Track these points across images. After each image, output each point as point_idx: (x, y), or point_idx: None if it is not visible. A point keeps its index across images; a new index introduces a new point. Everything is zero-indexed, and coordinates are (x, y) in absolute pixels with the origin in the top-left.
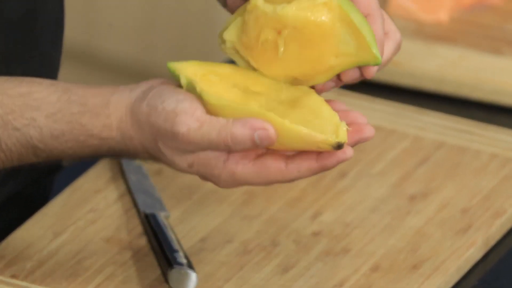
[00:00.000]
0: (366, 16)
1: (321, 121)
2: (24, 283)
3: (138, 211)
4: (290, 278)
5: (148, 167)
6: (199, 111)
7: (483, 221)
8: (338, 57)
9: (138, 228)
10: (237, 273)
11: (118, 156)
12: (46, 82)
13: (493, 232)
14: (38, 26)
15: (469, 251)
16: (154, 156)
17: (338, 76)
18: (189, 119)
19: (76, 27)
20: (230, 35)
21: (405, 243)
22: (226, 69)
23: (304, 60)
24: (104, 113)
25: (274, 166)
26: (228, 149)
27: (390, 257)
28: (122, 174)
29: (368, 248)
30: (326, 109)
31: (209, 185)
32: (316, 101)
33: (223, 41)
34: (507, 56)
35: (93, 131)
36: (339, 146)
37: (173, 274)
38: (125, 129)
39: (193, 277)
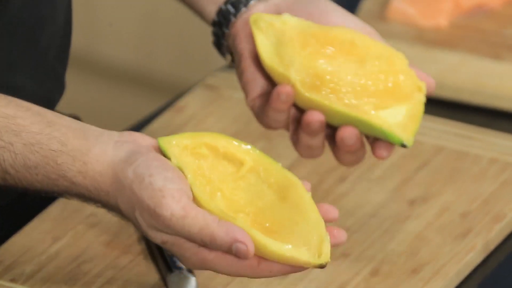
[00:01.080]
0: None
1: (307, 228)
2: (23, 287)
3: None
4: (289, 282)
5: None
6: (185, 198)
7: (482, 225)
8: (376, 113)
9: (137, 232)
10: (236, 278)
11: (85, 202)
12: (34, 109)
13: (492, 237)
14: (45, 39)
15: (469, 255)
16: (126, 218)
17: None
18: (175, 205)
19: (76, 30)
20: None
21: (405, 248)
22: (218, 140)
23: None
24: (82, 159)
25: (247, 262)
26: (204, 245)
27: (390, 261)
28: None
29: (368, 252)
30: (313, 213)
31: None
32: (304, 199)
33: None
34: (506, 61)
35: (66, 173)
36: (321, 266)
37: (173, 278)
38: (103, 184)
39: (192, 281)
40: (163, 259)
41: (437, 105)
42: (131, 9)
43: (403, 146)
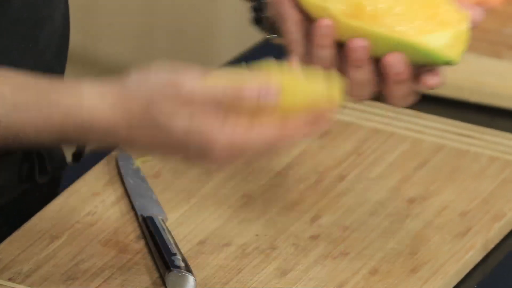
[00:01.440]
0: None
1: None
2: (21, 286)
3: (135, 214)
4: (288, 281)
5: (146, 170)
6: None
7: (482, 224)
8: (421, 35)
9: (136, 231)
10: (235, 276)
11: (82, 139)
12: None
13: (492, 236)
14: (44, 38)
15: (468, 254)
16: (134, 136)
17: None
18: (193, 73)
19: (75, 29)
20: None
21: (404, 247)
22: None
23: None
24: (76, 91)
25: (271, 128)
26: (231, 103)
27: (389, 260)
28: (119, 177)
29: (367, 251)
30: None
31: (207, 188)
32: None
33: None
34: (506, 59)
35: (59, 101)
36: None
37: (171, 277)
38: (103, 104)
39: (191, 280)
40: (162, 258)
41: (436, 104)
42: (130, 7)
43: (450, 64)
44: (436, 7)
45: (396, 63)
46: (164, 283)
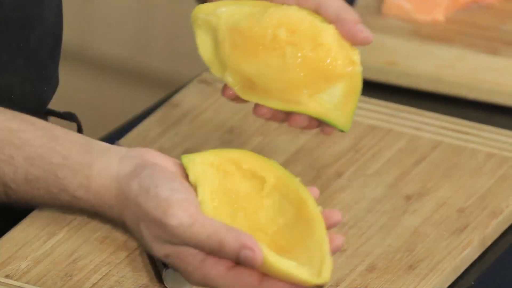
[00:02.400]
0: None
1: (311, 245)
2: (18, 283)
3: None
4: None
5: None
6: (193, 207)
7: (479, 221)
8: (312, 99)
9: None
10: None
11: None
12: (39, 124)
13: (489, 232)
14: (35, 39)
15: (466, 251)
16: (130, 231)
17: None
18: (182, 213)
19: (72, 27)
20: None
21: (401, 243)
22: (242, 156)
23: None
24: (84, 173)
25: (249, 280)
26: (212, 253)
27: (386, 257)
28: None
29: (364, 248)
30: (319, 230)
31: None
32: (313, 215)
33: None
34: (503, 56)
35: (67, 186)
36: (319, 286)
37: (168, 274)
38: (107, 197)
39: None
40: None
41: (433, 100)
42: (127, 5)
43: (342, 131)
44: (323, 54)
45: (300, 122)
46: (161, 280)
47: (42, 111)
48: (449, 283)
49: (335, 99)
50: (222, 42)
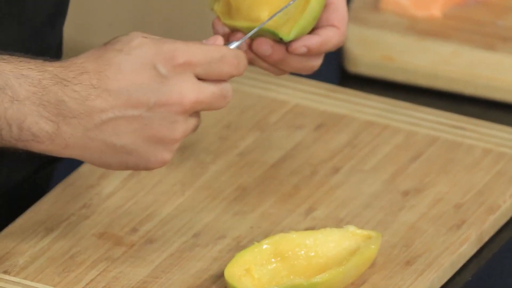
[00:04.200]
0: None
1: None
2: (16, 279)
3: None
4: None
5: None
6: None
7: (476, 216)
8: (270, 14)
9: (130, 223)
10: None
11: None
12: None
13: (486, 228)
14: (30, 3)
15: (463, 247)
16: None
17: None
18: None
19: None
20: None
21: (399, 239)
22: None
23: None
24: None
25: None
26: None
27: (384, 252)
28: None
29: None
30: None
31: (201, 181)
32: None
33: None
34: (500, 52)
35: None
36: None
37: None
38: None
39: None
40: None
41: (430, 96)
42: (125, 8)
43: (281, 39)
44: None
45: (262, 45)
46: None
47: None
48: (446, 279)
49: (288, 15)
50: None
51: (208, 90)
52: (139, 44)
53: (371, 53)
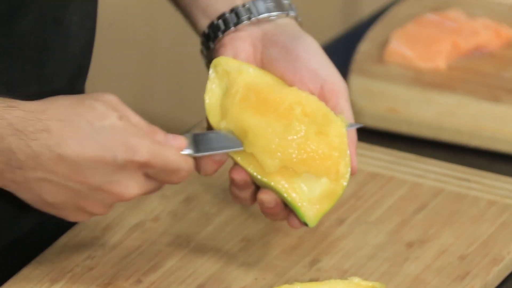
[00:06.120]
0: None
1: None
2: None
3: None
4: None
5: (145, 214)
6: None
7: (480, 268)
8: (290, 183)
9: (135, 275)
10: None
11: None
12: None
13: (490, 279)
14: (51, 65)
15: None
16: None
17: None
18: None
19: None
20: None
21: None
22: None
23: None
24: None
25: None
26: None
27: None
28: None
29: None
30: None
31: (206, 232)
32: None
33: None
34: (505, 103)
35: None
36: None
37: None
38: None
39: None
40: None
41: (435, 147)
42: (130, 48)
43: (305, 224)
44: (325, 145)
45: (268, 201)
46: None
47: None
48: None
49: (315, 193)
50: (233, 93)
51: (150, 187)
52: (111, 126)
53: (375, 105)
